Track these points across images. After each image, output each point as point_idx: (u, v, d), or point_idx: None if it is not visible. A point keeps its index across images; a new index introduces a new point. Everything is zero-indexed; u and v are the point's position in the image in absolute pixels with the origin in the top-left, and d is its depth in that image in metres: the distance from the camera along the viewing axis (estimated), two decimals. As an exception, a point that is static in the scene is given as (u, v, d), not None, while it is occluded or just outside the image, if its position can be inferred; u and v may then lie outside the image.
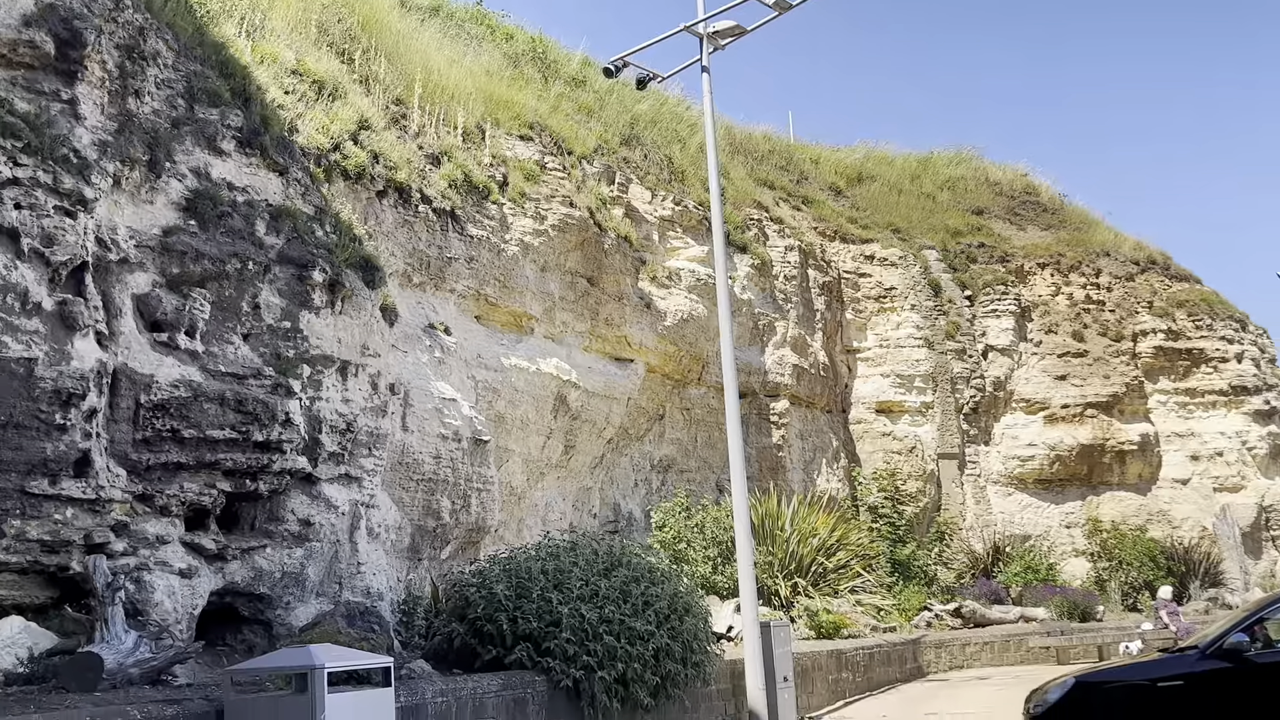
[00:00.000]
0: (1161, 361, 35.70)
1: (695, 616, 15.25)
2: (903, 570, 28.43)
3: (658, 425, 24.94)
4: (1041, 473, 33.54)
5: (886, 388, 32.57)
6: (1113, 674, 12.25)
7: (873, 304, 33.30)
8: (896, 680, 22.80)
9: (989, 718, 17.34)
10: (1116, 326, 35.73)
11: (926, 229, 36.33)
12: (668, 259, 25.08)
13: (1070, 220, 40.09)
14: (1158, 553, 32.17)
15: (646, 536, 22.69)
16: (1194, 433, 35.54)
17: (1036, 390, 34.07)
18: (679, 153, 27.94)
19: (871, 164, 39.66)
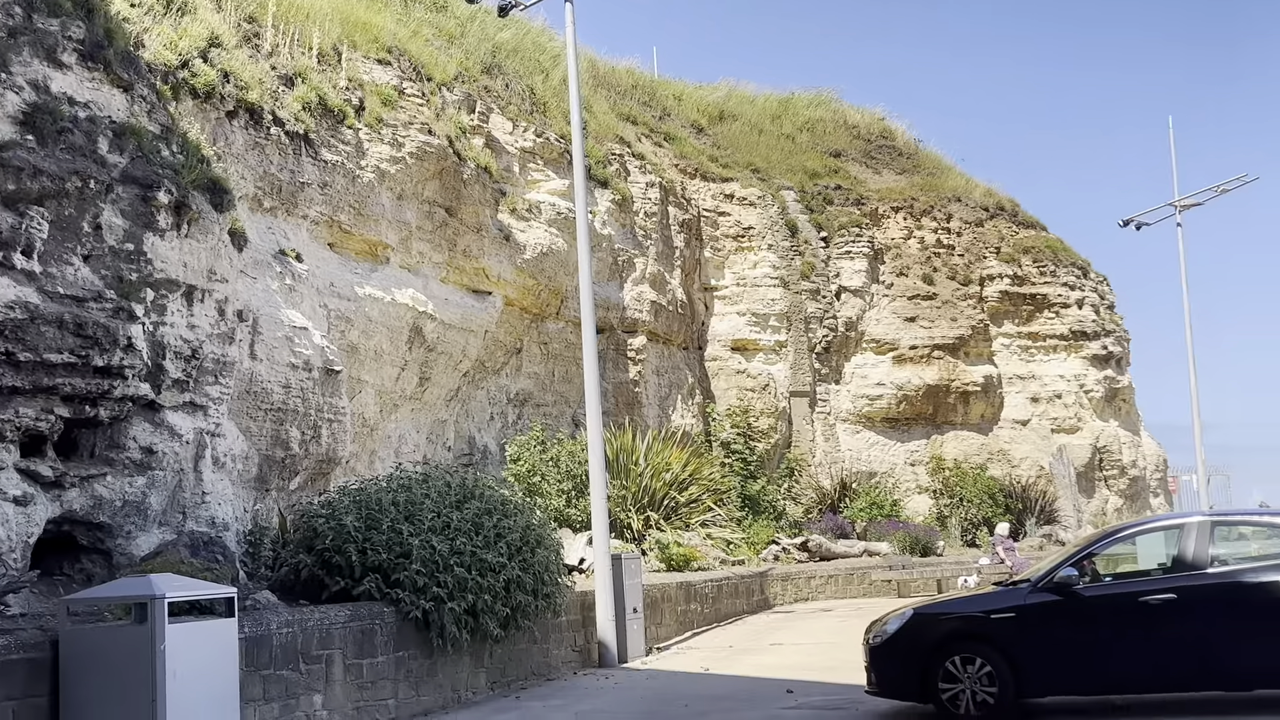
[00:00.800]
0: (1006, 306, 36.80)
1: (547, 549, 15.33)
2: (753, 505, 28.96)
3: (515, 359, 24.85)
4: (889, 411, 34.40)
5: (742, 326, 32.95)
6: (949, 606, 12.69)
7: (731, 243, 33.57)
8: (744, 612, 23.28)
9: (830, 648, 17.84)
10: (965, 271, 36.66)
11: (785, 170, 36.68)
12: (528, 191, 24.88)
13: (924, 165, 40.89)
14: (997, 490, 33.35)
15: (501, 470, 22.68)
16: (1035, 375, 36.80)
17: (887, 331, 34.84)
18: (541, 84, 27.64)
19: (733, 103, 39.81)
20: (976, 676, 11.59)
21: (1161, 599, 11.46)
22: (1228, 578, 11.51)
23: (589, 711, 13.35)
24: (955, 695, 11.63)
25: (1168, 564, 12.08)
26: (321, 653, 11.76)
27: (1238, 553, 12.56)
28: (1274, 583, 11.34)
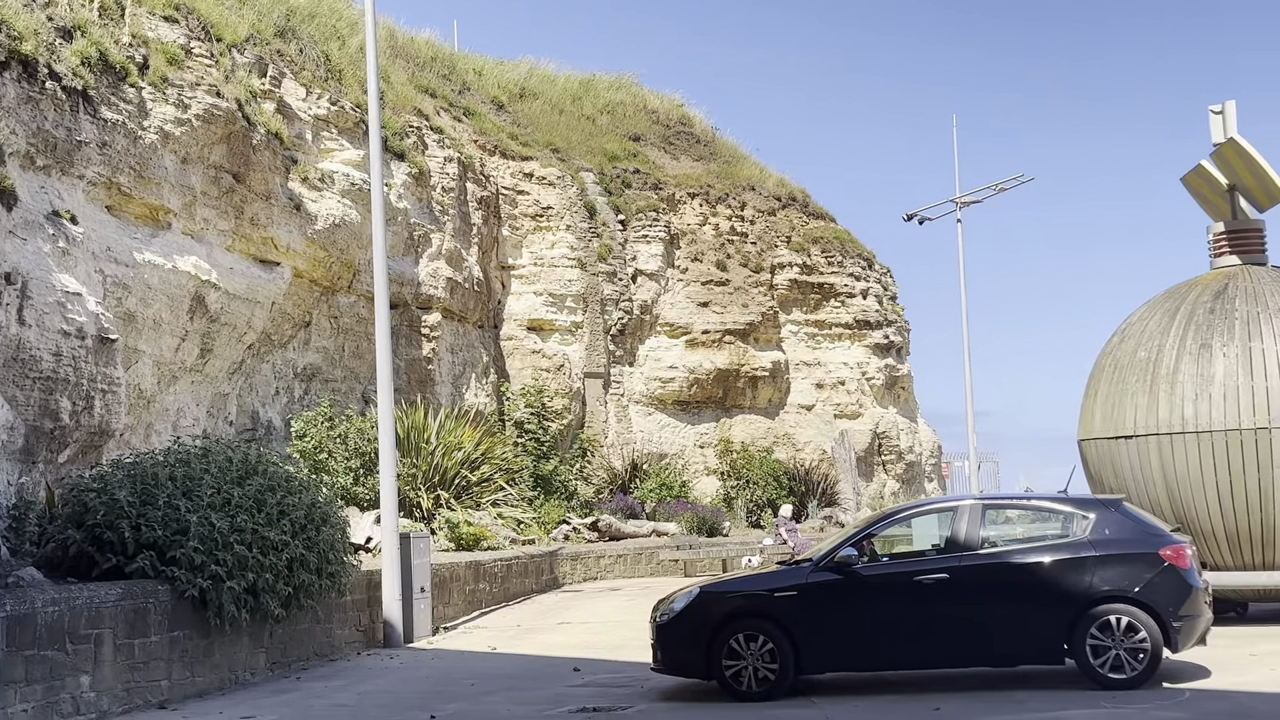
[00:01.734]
0: (796, 294, 37.71)
1: (333, 527, 15.01)
2: (545, 485, 28.96)
3: (304, 332, 24.19)
4: (681, 394, 34.87)
5: (539, 306, 32.88)
6: (734, 585, 12.93)
7: (529, 222, 33.43)
8: (533, 591, 23.27)
9: (618, 627, 17.98)
10: (757, 258, 37.41)
11: (585, 151, 36.71)
12: (321, 160, 24.23)
13: (721, 153, 41.50)
14: (781, 473, 34.20)
15: (286, 446, 22.08)
16: (820, 362, 37.84)
17: (680, 315, 35.28)
18: (337, 51, 26.94)
19: (535, 81, 39.61)
20: (759, 654, 11.87)
21: (935, 578, 11.94)
22: (996, 558, 12.07)
23: (372, 692, 13.12)
24: (738, 672, 11.88)
25: (941, 545, 12.60)
26: (90, 632, 11.25)
27: (1005, 535, 13.19)
28: (1038, 563, 11.94)
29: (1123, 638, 11.53)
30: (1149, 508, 15.91)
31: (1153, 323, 17.23)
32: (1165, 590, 11.65)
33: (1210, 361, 16.24)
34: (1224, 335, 16.34)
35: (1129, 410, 16.78)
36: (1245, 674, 12.28)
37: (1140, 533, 12.06)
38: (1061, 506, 12.55)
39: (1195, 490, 16.09)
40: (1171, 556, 11.78)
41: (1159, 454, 16.35)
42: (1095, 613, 11.63)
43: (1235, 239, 17.73)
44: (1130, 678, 11.47)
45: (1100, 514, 12.20)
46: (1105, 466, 17.18)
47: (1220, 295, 16.84)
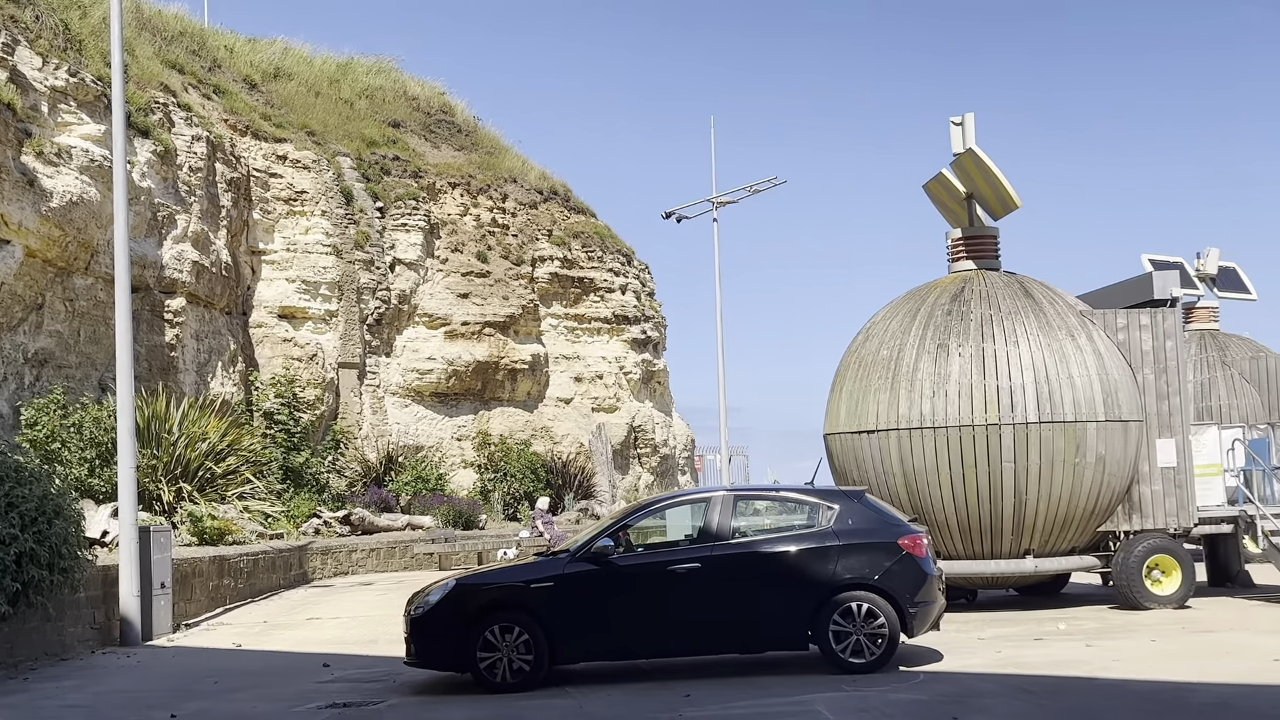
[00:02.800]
0: (556, 287, 37.82)
1: (66, 520, 14.23)
2: (296, 477, 28.19)
3: (35, 315, 22.81)
4: (439, 386, 34.50)
5: (291, 293, 31.96)
6: (491, 577, 12.87)
7: (283, 206, 32.45)
8: (281, 587, 22.62)
9: (370, 621, 17.66)
10: (518, 251, 37.34)
11: (343, 135, 35.88)
12: (58, 134, 22.90)
13: (483, 143, 41.24)
14: (539, 466, 34.26)
15: (15, 435, 20.79)
16: (579, 356, 38.09)
17: (440, 306, 34.90)
18: (78, 20, 25.52)
19: (290, 61, 38.44)
20: (514, 645, 11.85)
21: (687, 568, 12.18)
22: (745, 548, 12.38)
23: (108, 692, 12.50)
24: (493, 664, 11.84)
25: (694, 535, 12.86)
26: None
27: (755, 525, 13.55)
28: (785, 552, 12.31)
29: (863, 623, 12.01)
30: (889, 499, 16.64)
31: (895, 323, 18.01)
32: (903, 578, 12.19)
33: (947, 361, 17.09)
34: (960, 336, 17.22)
35: (872, 406, 17.50)
36: (973, 657, 12.97)
37: (880, 523, 12.58)
38: (808, 498, 12.96)
39: (931, 483, 16.92)
40: (909, 545, 12.32)
41: (899, 448, 17.12)
42: (838, 600, 12.08)
43: (972, 245, 18.70)
44: (869, 662, 11.97)
45: (844, 505, 12.67)
46: (849, 460, 17.87)
47: (957, 298, 17.74)
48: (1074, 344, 17.09)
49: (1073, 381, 16.81)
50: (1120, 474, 17.04)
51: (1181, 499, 17.25)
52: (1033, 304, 17.52)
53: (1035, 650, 13.25)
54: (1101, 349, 17.21)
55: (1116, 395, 16.98)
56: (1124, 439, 16.97)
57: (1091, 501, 16.90)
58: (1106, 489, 16.95)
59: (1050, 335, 17.12)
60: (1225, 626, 14.71)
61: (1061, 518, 16.86)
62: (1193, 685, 10.89)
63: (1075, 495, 16.76)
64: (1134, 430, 17.11)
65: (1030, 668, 12.10)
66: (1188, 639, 13.72)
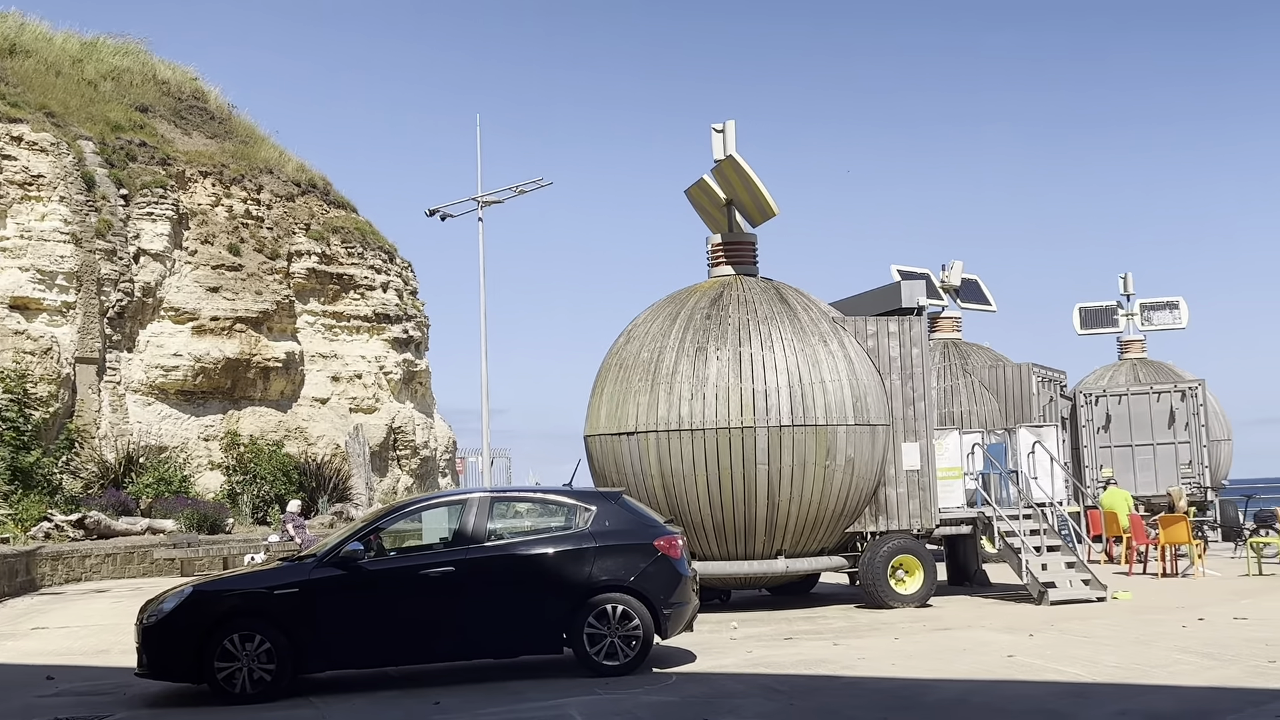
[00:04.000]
0: (313, 283, 36.72)
1: None
2: (25, 478, 26.46)
3: None
4: (185, 384, 33.00)
5: (25, 283, 30.03)
6: (231, 583, 12.23)
7: (17, 190, 30.46)
8: (5, 594, 21.14)
9: (101, 631, 16.66)
10: (274, 245, 36.08)
11: (85, 118, 33.94)
12: None
13: (237, 132, 39.73)
14: (292, 468, 33.14)
15: None
16: (337, 354, 37.07)
17: (188, 300, 33.39)
18: None
19: (28, 37, 36.16)
20: (255, 654, 11.30)
21: (441, 572, 11.86)
22: (501, 551, 12.14)
23: None
24: (231, 674, 11.26)
25: (449, 538, 12.53)
26: None
27: (513, 528, 13.34)
28: (541, 555, 12.13)
29: (618, 625, 11.94)
30: (647, 501, 16.68)
31: (655, 325, 18.08)
32: (658, 579, 12.17)
33: (705, 364, 17.25)
34: (718, 340, 17.41)
35: (632, 408, 17.51)
36: (725, 657, 13.07)
37: (637, 524, 12.54)
38: (565, 500, 12.81)
39: (689, 484, 17.04)
40: (664, 547, 12.32)
41: (658, 450, 17.18)
42: (594, 602, 11.98)
43: (731, 250, 18.95)
44: (623, 664, 11.90)
45: (601, 507, 12.58)
46: (609, 461, 17.84)
47: (716, 302, 17.94)
48: (826, 349, 17.51)
49: (825, 386, 17.21)
50: (868, 476, 17.54)
51: (925, 501, 17.88)
52: (788, 310, 17.87)
53: (785, 650, 13.46)
54: (852, 355, 17.68)
55: (866, 400, 17.47)
56: (872, 442, 17.48)
57: (841, 503, 17.34)
58: (855, 491, 17.42)
59: (804, 340, 17.49)
60: (963, 624, 15.28)
61: (812, 519, 17.24)
62: (932, 682, 11.22)
63: (826, 497, 17.15)
64: (881, 434, 17.65)
65: (780, 667, 12.26)
66: (929, 637, 14.17)
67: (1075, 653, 12.45)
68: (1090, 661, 11.85)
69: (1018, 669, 11.67)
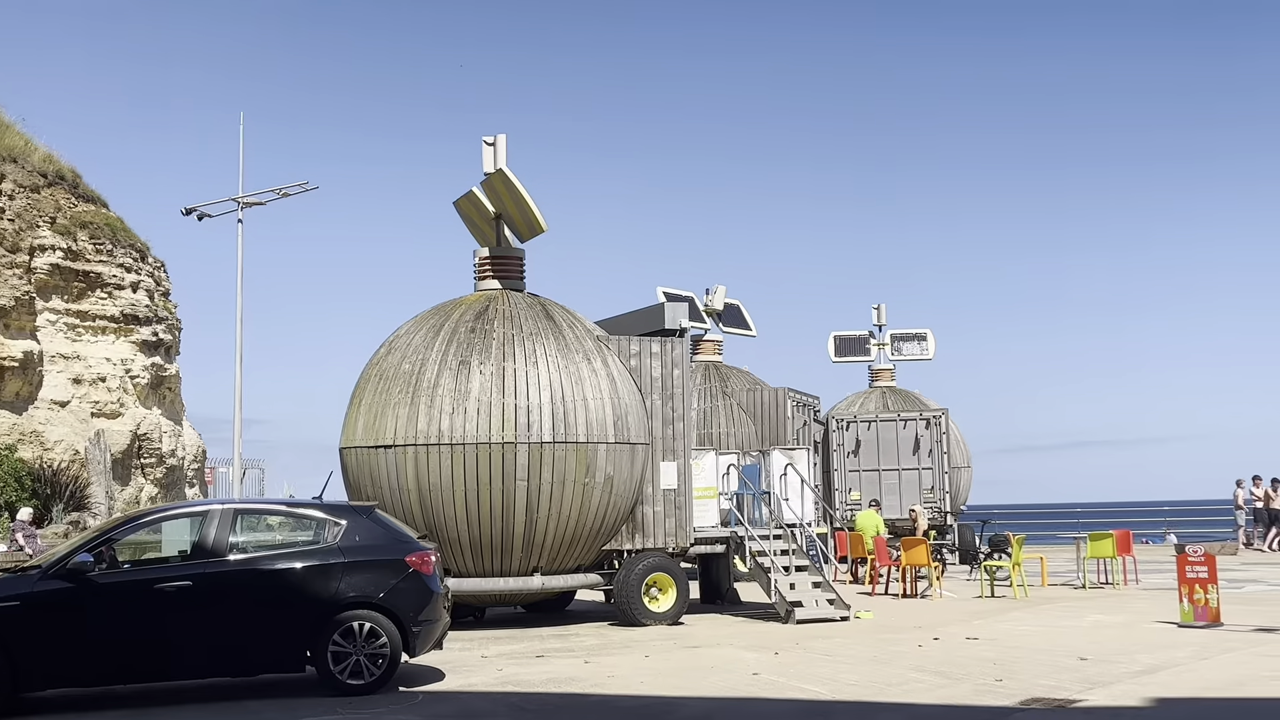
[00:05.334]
0: (57, 280, 34.74)
1: None
2: None
3: None
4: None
5: None
6: (-57, 596, 11.38)
7: None
8: None
9: None
10: (14, 238, 33.98)
11: None
12: None
13: (-21, 117, 37.31)
14: (25, 474, 31.18)
15: None
16: (80, 356, 35.14)
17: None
18: None
19: None
20: (-36, 673, 10.53)
21: (177, 586, 11.34)
22: (243, 565, 11.69)
23: None
24: (-62, 694, 10.47)
25: (189, 551, 11.99)
26: None
27: (259, 541, 12.87)
28: (286, 570, 11.73)
29: (364, 644, 11.64)
30: (403, 516, 16.37)
31: (419, 337, 17.80)
32: (408, 596, 11.93)
33: (468, 378, 17.07)
34: (482, 354, 17.25)
35: (390, 420, 17.17)
36: (475, 675, 12.90)
37: (389, 540, 12.27)
38: (315, 513, 12.43)
39: (446, 500, 16.79)
40: (416, 563, 12.09)
41: (415, 464, 16.88)
42: (340, 619, 11.65)
43: (498, 264, 18.84)
44: (369, 683, 11.61)
45: (352, 521, 12.26)
46: (365, 475, 17.44)
47: (481, 316, 17.79)
48: (590, 367, 17.57)
49: (587, 403, 17.26)
50: (627, 494, 17.65)
51: (681, 520, 18.11)
52: (553, 326, 17.86)
53: (536, 668, 13.38)
54: (615, 373, 17.80)
55: (627, 419, 17.60)
56: (631, 461, 17.61)
57: (599, 521, 17.40)
58: (613, 509, 17.51)
59: (568, 358, 17.50)
60: (713, 642, 15.52)
61: (570, 536, 17.24)
62: (679, 700, 11.32)
63: (584, 514, 17.18)
64: (641, 453, 17.80)
65: (529, 685, 12.17)
66: (679, 654, 14.32)
67: (818, 671, 12.78)
68: (831, 680, 12.18)
69: (762, 687, 11.90)
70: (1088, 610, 18.56)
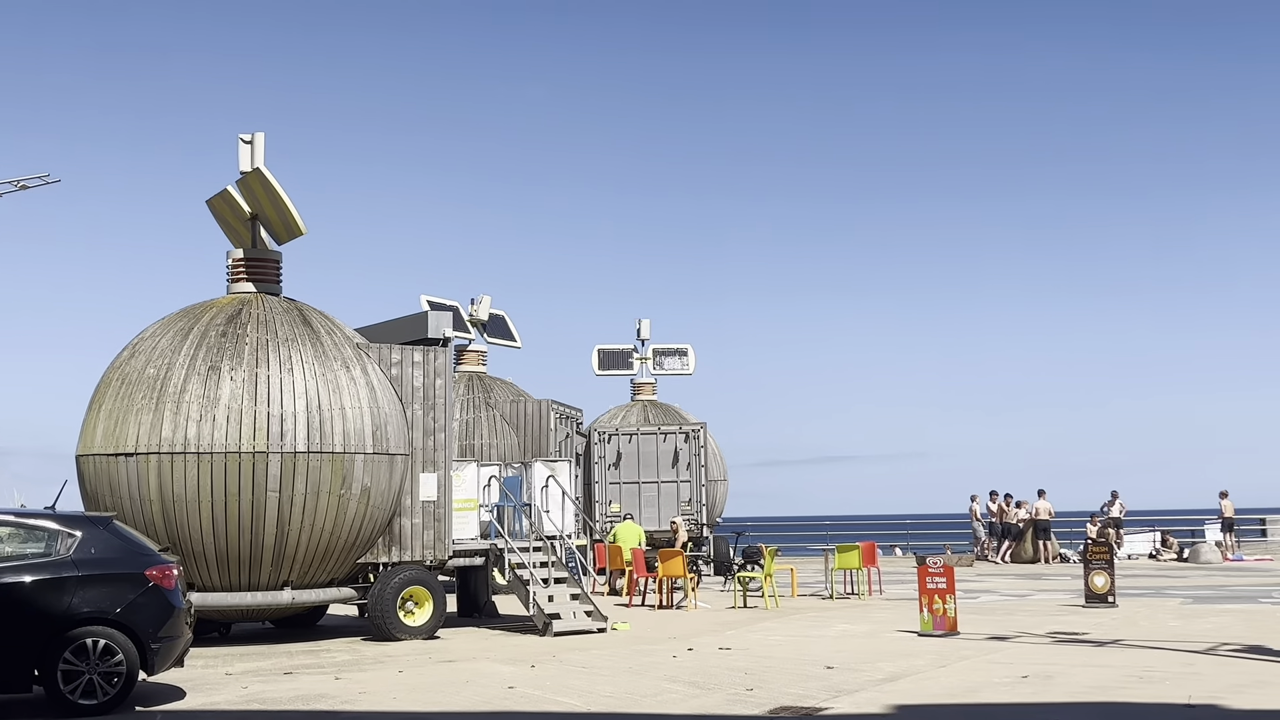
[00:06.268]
0: None
1: None
2: None
3: None
4: None
5: None
6: None
7: None
8: None
9: None
10: None
11: None
12: None
13: None
14: None
15: None
16: None
17: None
18: None
19: None
20: None
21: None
22: (-33, 578, 10.90)
23: None
24: None
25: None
26: None
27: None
28: (11, 584, 11.03)
29: (98, 661, 11.04)
30: (144, 528, 15.62)
31: (165, 340, 17.02)
32: (147, 612, 11.36)
33: (218, 384, 16.41)
34: (233, 359, 16.62)
35: (133, 427, 16.35)
36: (218, 693, 12.38)
37: (127, 552, 11.67)
38: (46, 524, 11.70)
39: (192, 511, 16.09)
40: (157, 577, 11.54)
41: (159, 473, 16.12)
42: (72, 635, 11.02)
43: (253, 267, 18.19)
44: (102, 703, 11.01)
45: (87, 532, 11.61)
46: (103, 484, 16.55)
47: (234, 320, 17.14)
48: (349, 375, 17.14)
49: (345, 413, 16.83)
50: (384, 506, 17.29)
51: (440, 532, 17.84)
52: (311, 332, 17.36)
53: (284, 685, 12.93)
54: (375, 382, 17.42)
55: (386, 429, 17.24)
56: (390, 472, 17.26)
57: (354, 533, 16.98)
58: (370, 521, 17.12)
59: (326, 365, 17.04)
60: (469, 656, 15.33)
61: (324, 549, 16.76)
62: (432, 715, 11.12)
63: (339, 527, 16.74)
64: (400, 464, 17.46)
65: (276, 703, 11.74)
66: (434, 669, 14.09)
67: (573, 683, 12.76)
68: (586, 692, 12.18)
69: (517, 700, 11.80)
70: (835, 620, 19.18)
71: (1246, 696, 11.22)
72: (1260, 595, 22.52)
